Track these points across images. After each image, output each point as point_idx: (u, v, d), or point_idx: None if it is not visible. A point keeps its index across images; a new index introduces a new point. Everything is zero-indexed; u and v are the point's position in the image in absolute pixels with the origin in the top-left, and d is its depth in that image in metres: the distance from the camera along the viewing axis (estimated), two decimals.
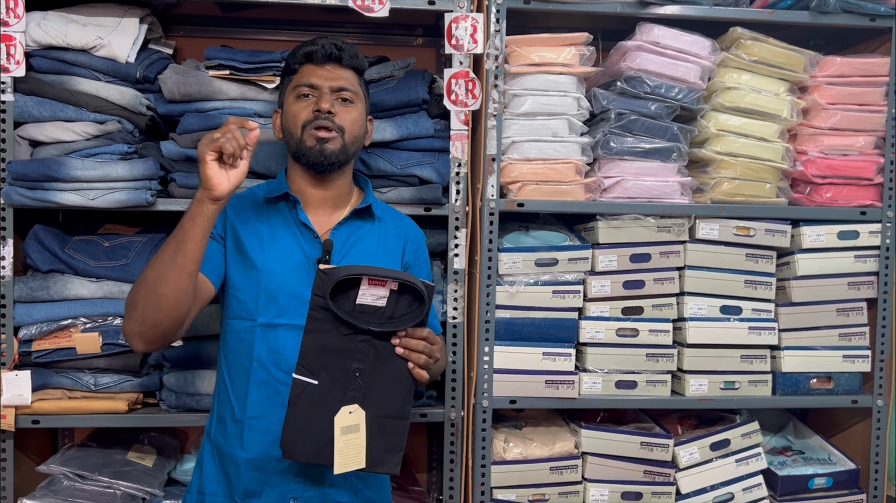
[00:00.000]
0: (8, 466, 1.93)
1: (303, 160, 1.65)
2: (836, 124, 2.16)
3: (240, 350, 1.62)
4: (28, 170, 1.86)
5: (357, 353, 1.50)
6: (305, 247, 1.64)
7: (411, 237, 1.78)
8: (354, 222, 1.70)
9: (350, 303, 1.48)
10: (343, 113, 1.65)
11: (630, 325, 2.09)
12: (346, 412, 1.49)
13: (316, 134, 1.61)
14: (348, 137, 1.65)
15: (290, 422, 1.48)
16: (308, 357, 1.48)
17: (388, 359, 1.51)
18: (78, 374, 1.94)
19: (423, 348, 1.51)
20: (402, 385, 1.52)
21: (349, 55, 1.68)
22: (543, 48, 2.03)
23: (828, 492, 2.17)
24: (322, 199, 1.69)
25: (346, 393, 1.50)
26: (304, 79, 1.66)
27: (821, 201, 2.17)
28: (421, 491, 2.28)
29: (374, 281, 1.47)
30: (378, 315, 1.50)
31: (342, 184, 1.71)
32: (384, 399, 1.52)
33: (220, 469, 1.63)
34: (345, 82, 1.67)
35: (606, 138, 2.07)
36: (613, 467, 2.10)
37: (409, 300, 1.50)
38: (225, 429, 1.63)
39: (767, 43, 2.11)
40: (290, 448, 1.49)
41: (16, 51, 1.89)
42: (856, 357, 2.17)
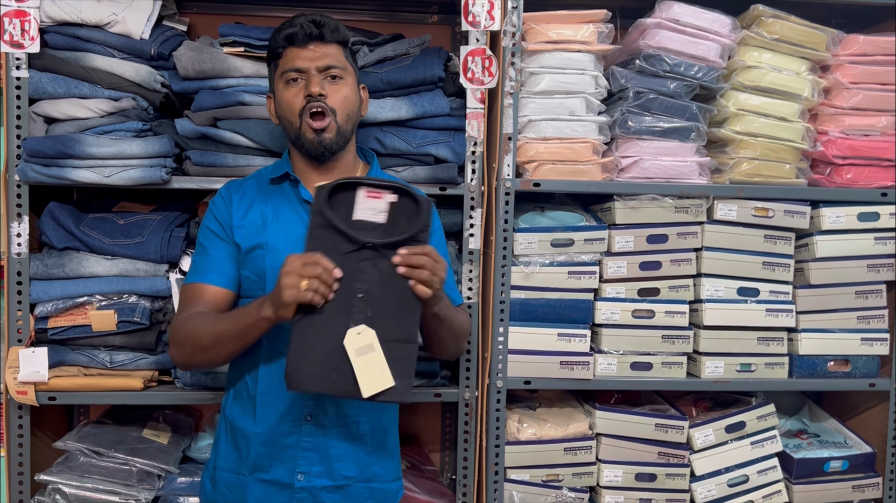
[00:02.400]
0: (25, 442, 1.94)
1: (302, 151, 1.66)
2: (858, 104, 2.13)
3: None
4: (43, 146, 1.86)
5: (360, 274, 1.45)
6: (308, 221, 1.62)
7: None
8: None
9: (348, 218, 1.46)
10: (333, 92, 1.63)
11: (646, 307, 2.08)
12: (355, 334, 1.43)
13: (312, 124, 1.61)
14: (341, 118, 1.63)
15: (293, 349, 1.43)
16: None
17: (392, 280, 1.45)
18: (94, 352, 1.95)
19: (425, 262, 1.45)
20: (408, 306, 1.46)
21: (330, 30, 1.64)
22: (561, 25, 2.01)
23: (843, 475, 2.16)
24: (326, 178, 1.66)
25: (350, 315, 1.44)
26: (290, 63, 1.64)
27: (841, 182, 2.15)
28: (434, 470, 2.28)
29: (371, 192, 1.45)
30: (378, 230, 1.46)
31: (345, 162, 1.71)
32: (390, 321, 1.45)
33: (231, 444, 1.65)
34: (330, 59, 1.64)
35: (624, 117, 2.04)
36: (628, 448, 2.09)
37: (409, 215, 1.46)
38: (241, 403, 1.65)
39: (789, 21, 2.08)
40: (295, 377, 1.44)
41: (30, 27, 1.88)
42: (874, 340, 2.15)
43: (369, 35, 2.13)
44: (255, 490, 1.61)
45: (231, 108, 1.96)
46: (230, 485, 1.64)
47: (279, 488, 1.60)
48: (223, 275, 1.64)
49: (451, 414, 2.46)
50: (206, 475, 1.70)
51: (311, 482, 1.60)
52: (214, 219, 1.68)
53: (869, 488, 2.17)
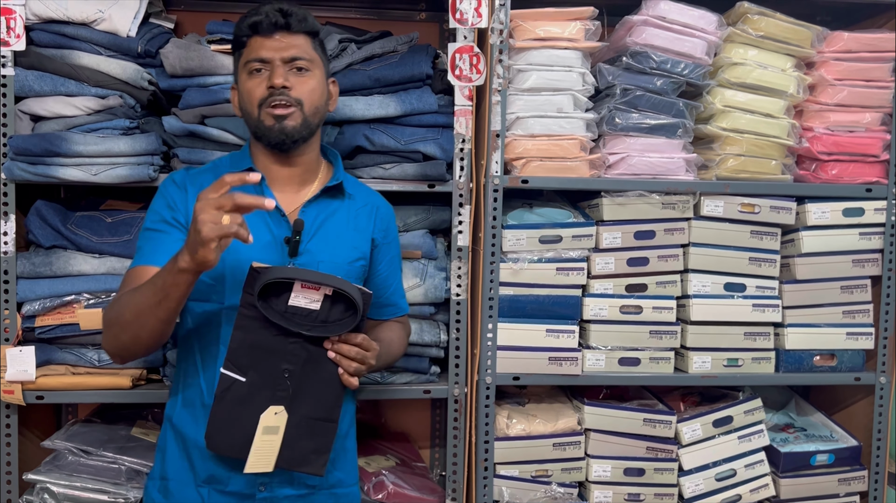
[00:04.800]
0: (13, 442, 1.93)
1: (264, 140, 1.58)
2: (843, 100, 2.15)
3: (208, 333, 1.57)
4: (29, 144, 1.85)
5: (288, 355, 1.46)
6: (273, 226, 1.57)
7: (381, 215, 1.73)
8: (324, 200, 1.64)
9: (283, 303, 1.43)
10: (299, 84, 1.56)
11: (634, 302, 2.09)
12: (272, 412, 1.46)
13: (273, 112, 1.53)
14: (308, 109, 1.56)
15: (215, 416, 1.45)
16: (237, 353, 1.44)
17: (319, 363, 1.47)
18: (82, 350, 1.94)
19: (356, 355, 1.46)
20: (333, 389, 1.49)
21: (297, 20, 1.56)
22: (548, 22, 2.02)
23: (830, 468, 2.18)
24: (289, 177, 1.63)
25: (274, 392, 1.46)
26: (254, 53, 1.56)
27: (826, 178, 2.16)
28: (424, 466, 2.29)
29: (307, 285, 1.43)
30: (311, 318, 1.45)
31: (308, 159, 1.64)
32: (314, 401, 1.48)
33: (182, 454, 1.58)
34: (297, 50, 1.56)
35: (612, 114, 2.05)
36: (616, 443, 2.10)
37: (345, 306, 1.45)
38: (193, 412, 1.57)
39: (774, 18, 2.09)
40: (213, 440, 1.47)
41: (16, 24, 1.87)
42: (859, 334, 2.17)
43: (357, 32, 2.13)
44: (214, 500, 1.54)
45: (219, 105, 1.96)
46: (184, 495, 1.56)
47: (239, 499, 1.54)
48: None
49: (440, 410, 2.46)
50: (154, 486, 1.61)
51: (274, 492, 1.55)
52: (167, 205, 1.58)
53: (855, 481, 2.19)
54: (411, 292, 2.01)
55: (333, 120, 1.97)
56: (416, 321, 2.04)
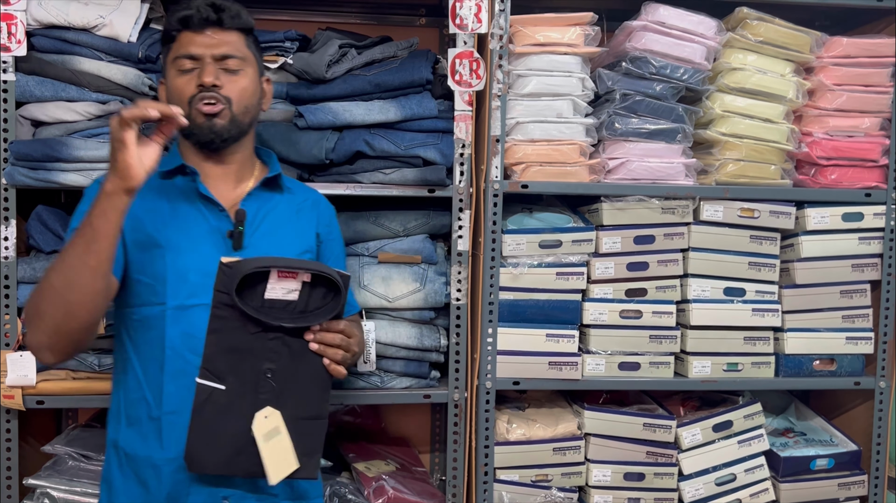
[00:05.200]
0: (13, 446, 1.93)
1: (193, 139, 1.52)
2: (842, 105, 2.15)
3: (150, 339, 1.48)
4: (30, 150, 1.85)
5: (268, 353, 1.37)
6: (213, 222, 1.51)
7: (323, 210, 1.69)
8: (263, 193, 1.59)
9: (258, 298, 1.34)
10: (230, 83, 1.50)
11: (633, 307, 2.09)
12: (262, 418, 1.36)
13: (203, 109, 1.47)
14: (237, 108, 1.50)
15: (195, 432, 1.35)
16: (213, 359, 1.35)
17: (302, 357, 1.39)
18: (82, 355, 1.94)
19: (340, 342, 1.40)
20: (319, 383, 1.41)
21: (230, 16, 1.51)
22: (548, 28, 2.02)
23: (829, 473, 2.18)
24: (222, 174, 1.57)
25: (257, 396, 1.37)
26: (183, 49, 1.49)
27: (825, 183, 2.17)
28: (424, 471, 2.29)
29: (284, 273, 1.34)
30: (289, 310, 1.36)
31: (242, 157, 1.58)
32: (300, 399, 1.40)
33: (133, 478, 1.48)
34: (228, 48, 1.50)
35: (611, 119, 2.06)
36: (616, 448, 2.10)
37: (324, 291, 1.37)
38: (140, 429, 1.48)
39: (773, 23, 2.10)
40: (196, 460, 1.36)
41: (17, 30, 1.87)
42: (859, 339, 2.17)
43: (357, 37, 2.13)
44: None
45: None
46: None
47: None
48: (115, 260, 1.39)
49: (440, 415, 2.46)
50: None
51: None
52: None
53: (854, 486, 2.19)
54: (411, 297, 2.02)
55: (334, 125, 1.97)
56: (417, 326, 2.05)
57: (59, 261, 1.33)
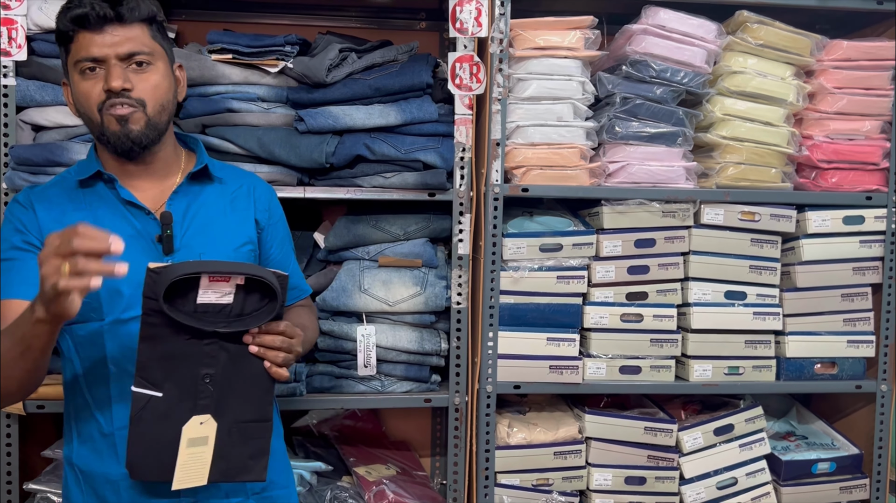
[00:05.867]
0: (14, 451, 1.93)
1: (109, 147, 1.43)
2: (843, 108, 2.15)
3: (91, 357, 1.43)
4: (31, 154, 1.85)
5: (205, 358, 1.32)
6: (139, 227, 1.43)
7: (259, 194, 1.59)
8: (192, 188, 1.50)
9: (190, 303, 1.28)
10: (140, 82, 1.39)
11: (634, 311, 2.09)
12: (197, 422, 1.33)
13: (115, 113, 1.37)
14: (152, 109, 1.41)
15: (134, 440, 1.31)
16: (147, 367, 1.31)
17: (241, 361, 1.34)
18: None
19: (281, 343, 1.34)
20: (261, 385, 1.37)
21: (129, 8, 1.38)
22: (548, 32, 2.02)
23: (831, 476, 2.18)
24: (145, 173, 1.47)
25: (196, 402, 1.33)
26: (84, 51, 1.37)
27: (826, 186, 2.17)
28: (425, 475, 2.28)
29: (215, 278, 1.28)
30: (225, 314, 1.31)
31: (163, 155, 1.49)
32: (242, 403, 1.36)
33: (91, 495, 1.44)
34: (133, 44, 1.38)
35: (611, 123, 2.06)
36: (617, 452, 2.10)
37: (260, 295, 1.32)
38: (94, 446, 1.44)
39: (774, 26, 2.10)
40: (137, 469, 1.33)
41: (17, 34, 1.88)
42: (860, 342, 2.17)
43: (357, 42, 2.14)
44: None
45: (219, 115, 1.96)
46: None
47: None
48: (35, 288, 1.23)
49: (441, 419, 2.46)
50: None
51: None
52: (14, 229, 1.43)
53: (856, 489, 2.19)
54: (412, 301, 2.02)
55: (334, 129, 1.97)
56: (417, 330, 2.05)
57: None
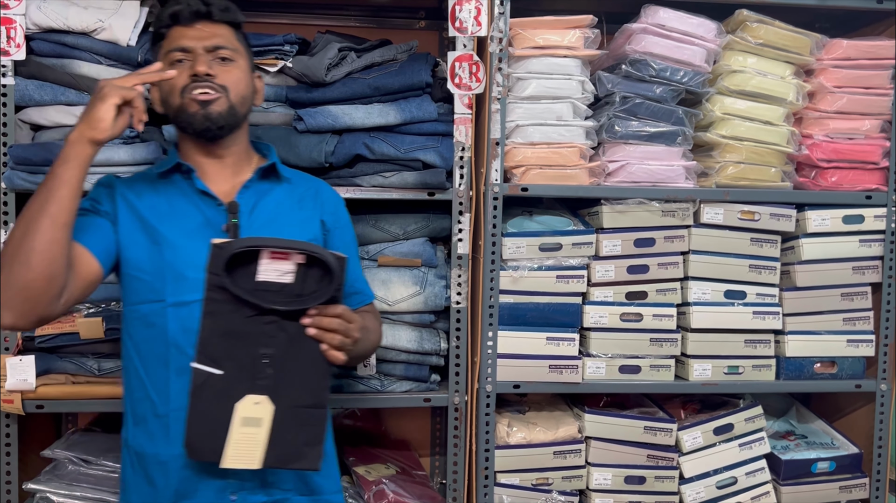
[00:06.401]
0: (13, 451, 1.93)
1: (189, 129, 1.51)
2: (842, 107, 2.15)
3: (152, 337, 1.48)
4: (30, 154, 1.85)
5: (264, 338, 1.34)
6: (209, 216, 1.51)
7: (326, 197, 1.67)
8: (261, 184, 1.58)
9: (251, 280, 1.31)
10: (224, 73, 1.50)
11: (634, 310, 2.09)
12: (252, 402, 1.33)
13: (196, 97, 1.47)
14: (234, 97, 1.50)
15: (193, 417, 1.33)
16: (208, 344, 1.33)
17: (300, 342, 1.35)
18: (81, 359, 1.94)
19: (338, 326, 1.36)
20: (318, 369, 1.37)
21: (219, 9, 1.53)
22: (548, 31, 2.02)
23: (831, 476, 2.18)
24: (220, 168, 1.56)
25: (254, 382, 1.34)
26: (175, 42, 1.50)
27: (826, 185, 2.16)
28: (424, 475, 2.28)
29: (276, 254, 1.30)
30: (284, 293, 1.32)
31: (238, 150, 1.58)
32: (299, 387, 1.36)
33: (142, 476, 1.48)
34: (220, 39, 1.51)
35: (611, 122, 2.05)
36: (617, 451, 2.10)
37: (320, 274, 1.33)
38: (147, 427, 1.48)
39: (773, 25, 2.09)
40: (195, 447, 1.34)
41: (16, 34, 1.87)
42: (860, 341, 2.17)
43: (357, 41, 2.13)
44: None
45: None
46: None
47: None
48: (97, 242, 1.44)
49: (441, 418, 2.46)
50: None
51: (246, 500, 1.46)
52: (89, 198, 1.52)
53: (856, 488, 2.18)
54: (411, 300, 2.02)
55: (333, 128, 1.97)
56: (417, 329, 2.04)
57: (22, 214, 1.34)
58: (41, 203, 1.32)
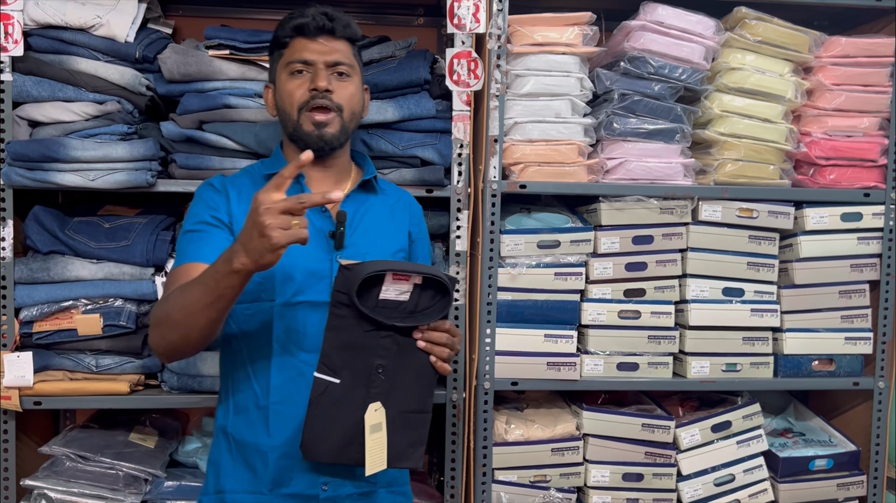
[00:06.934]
0: (10, 447, 1.93)
1: (300, 143, 1.59)
2: (841, 105, 2.15)
3: (258, 333, 1.56)
4: (27, 150, 1.85)
5: (380, 350, 1.45)
6: (315, 221, 1.57)
7: (414, 210, 1.75)
8: (360, 195, 1.66)
9: (373, 298, 1.42)
10: (340, 89, 1.58)
11: (632, 307, 2.09)
12: (373, 410, 1.45)
13: (313, 117, 1.56)
14: (347, 115, 1.59)
15: (311, 422, 1.43)
16: (330, 355, 1.43)
17: (410, 354, 1.47)
18: (79, 356, 1.94)
19: (447, 341, 1.47)
20: (425, 379, 1.49)
21: (342, 25, 1.60)
22: (546, 28, 2.02)
23: (828, 473, 2.18)
24: (324, 177, 1.64)
25: (368, 390, 1.45)
26: (297, 54, 1.58)
27: (824, 183, 2.16)
28: (422, 472, 2.28)
29: (398, 276, 1.41)
30: (401, 310, 1.44)
31: (342, 161, 1.67)
32: (407, 394, 1.48)
33: (241, 463, 1.56)
34: (340, 55, 1.59)
35: (609, 119, 2.05)
36: (615, 448, 2.10)
37: (432, 293, 1.45)
38: (247, 417, 1.56)
39: (772, 23, 2.09)
40: (311, 449, 1.45)
41: (14, 30, 1.87)
42: (857, 339, 2.17)
43: None
44: None
45: (217, 110, 1.96)
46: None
47: (302, 501, 1.53)
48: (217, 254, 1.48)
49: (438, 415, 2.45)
50: (208, 500, 1.58)
51: (336, 491, 1.54)
52: (207, 206, 1.59)
53: (853, 486, 2.19)
54: None
55: None
56: None
57: (182, 298, 1.40)
58: (203, 307, 1.37)
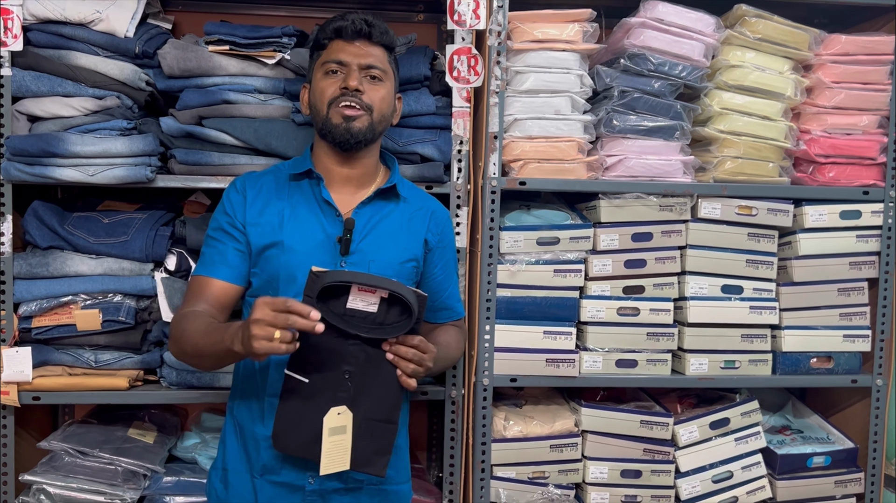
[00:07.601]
0: (9, 442, 1.93)
1: (328, 138, 1.63)
2: (840, 103, 2.15)
3: None
4: (27, 145, 1.85)
5: (348, 356, 1.50)
6: (327, 225, 1.64)
7: (437, 219, 1.77)
8: (378, 202, 1.69)
9: (342, 306, 1.47)
10: (371, 91, 1.63)
11: (631, 304, 2.09)
12: (335, 413, 1.50)
13: (342, 111, 1.60)
14: (376, 116, 1.64)
15: (281, 415, 1.51)
16: (299, 355, 1.46)
17: (378, 365, 1.51)
18: (78, 351, 1.94)
19: (413, 356, 1.50)
20: (392, 390, 1.53)
21: (379, 32, 1.66)
22: (546, 24, 2.02)
23: (826, 470, 2.19)
24: (347, 178, 1.68)
25: (335, 394, 1.51)
26: (333, 55, 1.64)
27: (823, 181, 2.17)
28: (421, 468, 2.29)
29: (363, 288, 1.46)
30: (369, 320, 1.48)
31: (369, 162, 1.70)
32: (373, 402, 1.52)
33: (241, 446, 1.65)
34: (374, 59, 1.65)
35: (609, 116, 2.05)
36: (613, 445, 2.10)
37: (401, 308, 1.48)
38: (249, 405, 1.65)
39: (772, 20, 2.09)
40: (280, 440, 1.52)
41: (13, 24, 1.87)
42: (856, 337, 2.17)
43: None
44: (266, 491, 1.61)
45: (216, 106, 1.96)
46: (241, 486, 1.64)
47: (290, 490, 1.60)
48: (231, 270, 1.63)
49: (437, 412, 2.46)
50: (216, 476, 1.69)
51: (323, 485, 1.59)
52: (226, 212, 1.67)
53: (851, 483, 2.19)
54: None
55: None
56: None
57: (194, 339, 1.52)
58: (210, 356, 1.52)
